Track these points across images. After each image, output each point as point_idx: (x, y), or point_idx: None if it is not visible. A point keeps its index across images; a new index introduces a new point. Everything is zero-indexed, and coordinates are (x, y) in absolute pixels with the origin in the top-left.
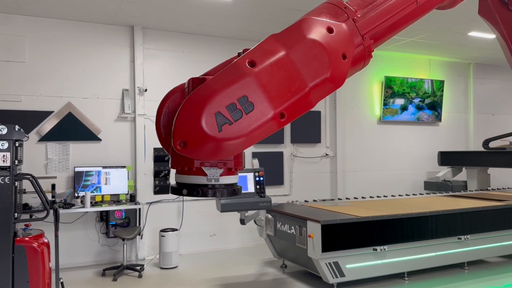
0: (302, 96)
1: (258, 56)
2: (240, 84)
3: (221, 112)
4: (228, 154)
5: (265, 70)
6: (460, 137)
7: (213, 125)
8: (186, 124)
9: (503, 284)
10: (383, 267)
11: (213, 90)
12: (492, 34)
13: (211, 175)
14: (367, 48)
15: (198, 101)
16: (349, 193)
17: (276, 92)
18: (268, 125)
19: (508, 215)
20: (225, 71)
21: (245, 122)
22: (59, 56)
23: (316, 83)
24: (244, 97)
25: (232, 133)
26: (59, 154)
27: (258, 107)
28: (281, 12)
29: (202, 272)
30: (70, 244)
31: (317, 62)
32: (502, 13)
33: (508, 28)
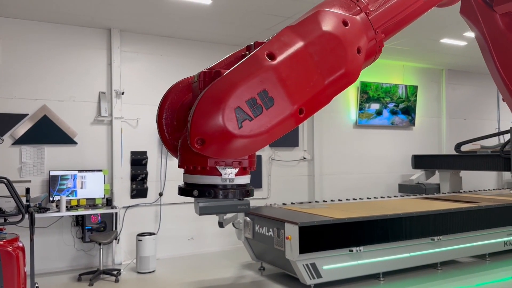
0: (320, 91)
1: (277, 48)
2: (260, 78)
3: (241, 107)
4: (248, 152)
5: (284, 64)
6: (433, 141)
7: (233, 121)
8: (205, 120)
9: (475, 284)
10: (359, 268)
11: (233, 83)
12: (463, 41)
13: (226, 175)
14: (379, 42)
15: (218, 95)
16: (326, 196)
17: (296, 87)
18: (288, 121)
19: (479, 217)
20: (243, 64)
21: (265, 118)
22: (34, 58)
23: (334, 78)
24: (264, 92)
25: (253, 129)
26: (33, 158)
27: (278, 102)
28: (259, 17)
29: (180, 276)
30: (45, 249)
31: (334, 56)
32: (485, 13)
33: (489, 28)
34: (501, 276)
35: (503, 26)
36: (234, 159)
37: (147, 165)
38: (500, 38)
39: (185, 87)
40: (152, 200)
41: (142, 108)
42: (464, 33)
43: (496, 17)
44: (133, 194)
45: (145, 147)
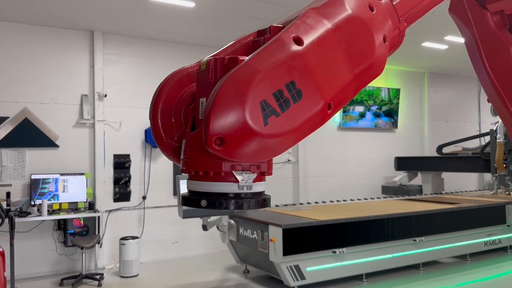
0: (348, 83)
1: (304, 32)
2: (288, 66)
3: (267, 101)
4: (273, 154)
5: (312, 51)
6: (416, 143)
7: (258, 117)
8: (226, 116)
9: (456, 284)
10: (342, 269)
11: (257, 71)
12: (444, 45)
13: (243, 181)
14: (402, 32)
15: (241, 85)
16: (310, 198)
17: (325, 78)
18: (317, 117)
19: (460, 217)
20: (267, 49)
21: (293, 113)
22: (15, 60)
23: (362, 68)
24: (292, 83)
25: (280, 127)
26: (14, 161)
27: (307, 95)
28: (243, 20)
29: (164, 280)
30: (26, 253)
31: (363, 44)
32: (475, 11)
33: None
34: (482, 276)
35: (493, 26)
36: (254, 162)
37: (130, 168)
38: (489, 37)
39: (185, 78)
40: (135, 204)
41: (125, 111)
42: (445, 36)
43: (487, 16)
44: (116, 197)
45: (128, 150)
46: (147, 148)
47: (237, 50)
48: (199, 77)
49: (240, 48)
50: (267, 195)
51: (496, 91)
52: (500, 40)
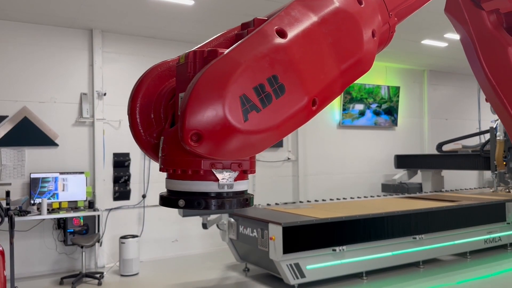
0: (334, 79)
1: (288, 24)
2: (270, 59)
3: (247, 95)
4: (253, 152)
5: (296, 44)
6: (415, 141)
7: (238, 112)
8: (203, 111)
9: (456, 281)
10: (342, 267)
11: (237, 64)
12: (444, 42)
13: (223, 180)
14: (392, 27)
15: (219, 78)
16: (310, 196)
17: (309, 73)
18: (301, 114)
19: (460, 215)
20: (249, 41)
21: (275, 109)
22: (14, 59)
23: (349, 64)
24: (274, 77)
25: (260, 123)
26: (14, 160)
27: (290, 90)
28: (241, 18)
29: (164, 278)
30: (26, 252)
31: (350, 38)
32: (471, 11)
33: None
34: (482, 274)
35: (490, 25)
36: (234, 160)
37: (130, 167)
38: (486, 36)
39: (165, 72)
40: (135, 202)
41: (124, 110)
42: (445, 34)
43: (483, 15)
44: (115, 196)
45: (127, 148)
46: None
47: (221, 43)
48: (179, 71)
49: (225, 41)
50: (250, 194)
51: (494, 91)
52: (497, 40)
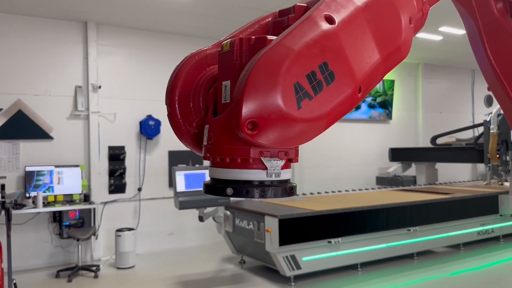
0: (377, 66)
1: (335, 10)
2: (321, 46)
3: (300, 83)
4: (305, 140)
5: (344, 30)
6: (410, 134)
7: (292, 99)
8: (259, 99)
9: (449, 273)
10: (337, 259)
11: (290, 51)
12: (439, 36)
13: (271, 169)
14: (425, 14)
15: (274, 66)
16: (306, 189)
17: (355, 60)
18: (349, 101)
19: (453, 207)
20: (299, 27)
21: (326, 96)
22: (8, 51)
23: (390, 50)
24: (325, 64)
25: (313, 111)
26: (8, 153)
27: (339, 77)
28: (238, 11)
29: (160, 271)
30: (22, 246)
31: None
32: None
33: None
34: (475, 265)
35: (497, 13)
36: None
37: (125, 160)
38: (492, 24)
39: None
40: (130, 195)
41: (119, 102)
42: (439, 28)
43: (490, 3)
44: (111, 189)
45: (123, 141)
46: (142, 140)
47: (256, 31)
48: (222, 59)
49: (259, 29)
50: (293, 183)
51: (498, 79)
52: (503, 28)
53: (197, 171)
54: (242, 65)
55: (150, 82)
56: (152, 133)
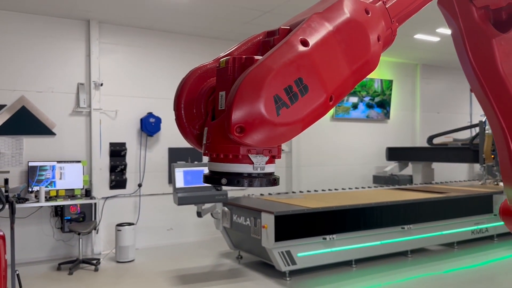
0: (347, 78)
1: (309, 35)
2: (297, 65)
3: (279, 95)
4: (284, 140)
5: (317, 50)
6: (407, 134)
7: (272, 108)
8: (245, 108)
9: (443, 270)
10: (332, 255)
11: (270, 70)
12: (436, 37)
13: (257, 163)
14: (394, 31)
15: (258, 82)
16: (303, 187)
17: (327, 74)
18: (321, 108)
19: (447, 206)
20: (279, 50)
21: (301, 105)
22: (12, 49)
23: (359, 65)
24: (300, 79)
25: (289, 117)
26: (12, 149)
27: (312, 89)
28: (236, 11)
29: (159, 265)
30: (24, 239)
31: (359, 43)
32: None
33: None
34: (468, 263)
35: (477, 18)
36: (266, 147)
37: (126, 156)
38: (473, 28)
39: (204, 73)
40: (131, 191)
41: (121, 100)
42: (437, 29)
43: (472, 8)
44: (112, 185)
45: (124, 138)
46: (142, 137)
47: (249, 48)
48: (219, 73)
49: (252, 46)
50: (277, 175)
51: (478, 81)
52: (483, 32)
53: (196, 168)
54: (235, 79)
55: (151, 80)
56: (152, 130)
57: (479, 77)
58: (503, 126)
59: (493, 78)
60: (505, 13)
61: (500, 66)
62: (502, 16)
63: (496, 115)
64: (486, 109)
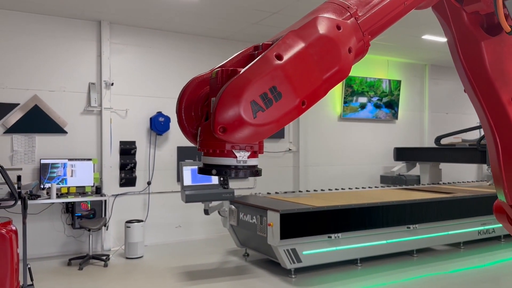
0: (319, 85)
1: (283, 50)
2: (271, 76)
3: (255, 101)
4: (261, 138)
5: (290, 63)
6: (415, 134)
7: (249, 112)
8: (226, 112)
9: (449, 270)
10: (337, 254)
11: (248, 80)
12: (444, 37)
13: (240, 157)
14: (366, 43)
15: (237, 90)
16: (310, 186)
17: (299, 83)
18: (293, 111)
19: (454, 206)
20: (256, 63)
21: (275, 109)
22: (25, 49)
23: (330, 74)
24: (274, 87)
25: (265, 119)
26: (24, 146)
27: (285, 96)
28: (245, 12)
29: (167, 261)
30: (36, 234)
31: (330, 56)
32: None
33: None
34: (475, 264)
35: (467, 21)
36: (248, 144)
37: (135, 154)
38: (465, 33)
39: (201, 82)
40: (140, 189)
41: (131, 99)
42: None
43: (462, 13)
44: (122, 182)
45: (134, 137)
46: (152, 136)
47: (240, 60)
48: (211, 83)
49: (242, 59)
50: (259, 168)
51: (470, 83)
52: (473, 35)
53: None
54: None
55: (160, 80)
56: (161, 129)
57: (470, 78)
58: (492, 126)
59: (482, 79)
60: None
61: (488, 67)
62: (494, 20)
63: (486, 115)
64: (477, 110)
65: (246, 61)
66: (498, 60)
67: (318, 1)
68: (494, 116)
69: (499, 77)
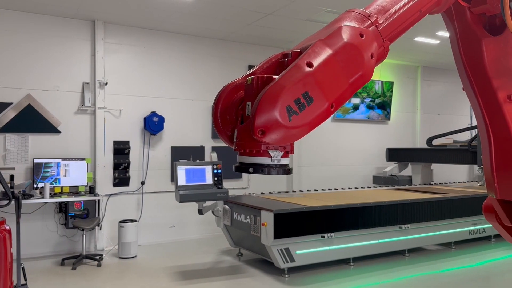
0: (345, 89)
1: (313, 58)
2: (303, 82)
3: (290, 105)
4: (295, 139)
5: (319, 70)
6: (407, 135)
7: (285, 116)
8: (265, 116)
9: (440, 269)
10: (330, 253)
11: (283, 87)
12: (436, 40)
13: (274, 157)
14: (386, 48)
15: (273, 97)
16: (304, 187)
17: (328, 87)
18: (324, 114)
19: (445, 207)
20: (289, 71)
21: (308, 112)
22: (19, 48)
23: (354, 78)
24: (306, 92)
25: (299, 122)
26: (17, 146)
27: (316, 100)
28: (240, 13)
29: (161, 261)
30: (29, 234)
31: (355, 62)
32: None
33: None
34: (466, 263)
35: (470, 19)
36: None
37: (129, 154)
38: (466, 30)
39: (234, 88)
40: (134, 189)
41: (125, 99)
42: (437, 32)
43: (466, 12)
44: (115, 182)
45: (127, 136)
46: (146, 135)
47: (270, 67)
48: (246, 88)
49: (271, 65)
50: (290, 167)
51: (469, 79)
52: (474, 33)
53: (197, 166)
54: (258, 93)
55: (154, 80)
56: (155, 129)
57: (469, 74)
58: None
59: (481, 76)
60: (498, 20)
61: (487, 65)
62: (496, 22)
63: (482, 112)
64: (474, 106)
65: (275, 67)
66: (497, 59)
67: (311, 3)
68: (489, 113)
69: (497, 75)
